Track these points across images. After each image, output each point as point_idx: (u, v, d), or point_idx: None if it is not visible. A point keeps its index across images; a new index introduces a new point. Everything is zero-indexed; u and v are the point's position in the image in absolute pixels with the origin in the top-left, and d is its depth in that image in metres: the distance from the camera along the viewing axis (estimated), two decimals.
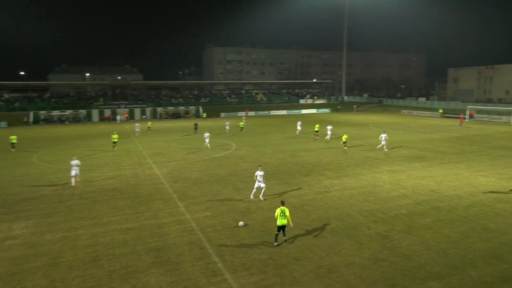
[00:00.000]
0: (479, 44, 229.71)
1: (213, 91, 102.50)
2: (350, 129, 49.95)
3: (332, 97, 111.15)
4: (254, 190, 19.03)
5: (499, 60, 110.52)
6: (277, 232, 13.59)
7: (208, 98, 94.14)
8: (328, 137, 39.68)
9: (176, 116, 79.01)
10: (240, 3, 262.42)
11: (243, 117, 61.00)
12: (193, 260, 12.53)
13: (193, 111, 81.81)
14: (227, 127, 49.08)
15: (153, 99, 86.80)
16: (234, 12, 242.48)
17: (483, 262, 12.08)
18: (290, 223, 13.59)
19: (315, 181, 22.72)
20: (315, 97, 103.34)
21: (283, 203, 13.87)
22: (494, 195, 19.51)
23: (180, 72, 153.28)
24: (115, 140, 35.68)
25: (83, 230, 15.27)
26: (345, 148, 33.91)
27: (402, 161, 28.48)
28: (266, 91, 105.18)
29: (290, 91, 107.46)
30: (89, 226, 15.77)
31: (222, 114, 79.37)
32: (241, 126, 49.93)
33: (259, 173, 18.76)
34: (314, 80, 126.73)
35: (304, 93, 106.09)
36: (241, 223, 15.48)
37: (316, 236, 14.31)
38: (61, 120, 71.99)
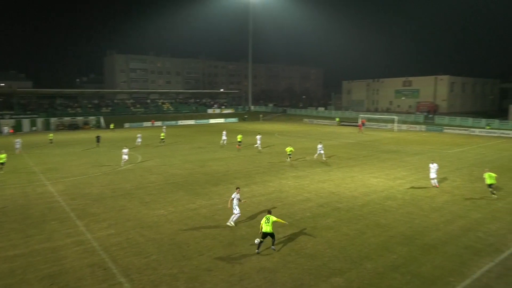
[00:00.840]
0: (368, 59, 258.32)
1: (115, 101, 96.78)
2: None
3: (239, 106, 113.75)
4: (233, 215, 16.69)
5: (384, 74, 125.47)
6: (261, 239, 13.53)
7: (110, 108, 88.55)
8: (258, 146, 39.54)
9: (73, 127, 72.62)
10: (144, 10, 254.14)
11: (163, 128, 57.53)
12: (96, 283, 11.54)
13: (94, 122, 76.13)
14: (139, 140, 44.08)
15: (45, 109, 78.50)
16: (138, 19, 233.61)
17: (376, 255, 13.42)
18: (282, 221, 14.30)
19: (225, 190, 22.84)
20: (223, 107, 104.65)
21: (269, 212, 13.98)
22: (383, 193, 21.92)
23: (78, 80, 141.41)
24: (3, 161, 29.85)
25: None
26: (287, 160, 32.62)
27: (305, 167, 30.29)
28: (173, 101, 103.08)
29: (198, 100, 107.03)
30: None
31: (127, 125, 75.27)
32: (162, 137, 46.89)
33: (237, 195, 16.45)
34: (222, 90, 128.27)
35: (212, 102, 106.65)
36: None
37: (227, 244, 14.34)
38: None
